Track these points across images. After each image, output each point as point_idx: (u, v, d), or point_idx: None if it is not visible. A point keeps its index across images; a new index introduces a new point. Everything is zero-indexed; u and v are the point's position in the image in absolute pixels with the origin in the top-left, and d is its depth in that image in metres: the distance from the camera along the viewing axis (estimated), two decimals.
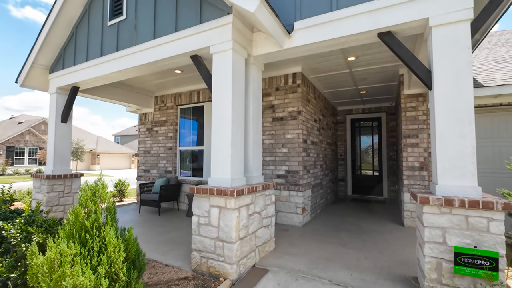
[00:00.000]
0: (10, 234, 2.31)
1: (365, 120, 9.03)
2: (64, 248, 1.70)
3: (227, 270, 2.89)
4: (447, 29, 2.51)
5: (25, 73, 5.29)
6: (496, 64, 5.55)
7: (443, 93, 2.49)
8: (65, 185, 5.34)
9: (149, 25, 3.95)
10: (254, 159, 3.68)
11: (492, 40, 8.41)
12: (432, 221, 2.39)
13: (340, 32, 3.05)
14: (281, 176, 5.31)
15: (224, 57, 3.21)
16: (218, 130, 3.19)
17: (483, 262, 2.16)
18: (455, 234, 2.31)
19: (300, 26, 3.28)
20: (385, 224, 5.30)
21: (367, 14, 2.90)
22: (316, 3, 3.24)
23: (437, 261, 2.36)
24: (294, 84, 5.30)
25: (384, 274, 3.03)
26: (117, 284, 1.85)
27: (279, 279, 2.92)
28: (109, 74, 4.48)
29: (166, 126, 7.22)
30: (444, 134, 2.47)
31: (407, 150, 5.18)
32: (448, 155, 2.44)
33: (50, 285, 1.67)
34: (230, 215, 2.89)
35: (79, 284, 1.66)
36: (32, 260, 1.78)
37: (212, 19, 3.32)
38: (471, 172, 2.36)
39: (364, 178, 9.01)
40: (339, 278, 2.93)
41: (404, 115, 5.24)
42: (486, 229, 2.22)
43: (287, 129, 5.29)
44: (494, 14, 3.14)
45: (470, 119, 2.39)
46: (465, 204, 2.25)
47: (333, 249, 3.84)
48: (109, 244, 1.88)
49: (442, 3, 2.53)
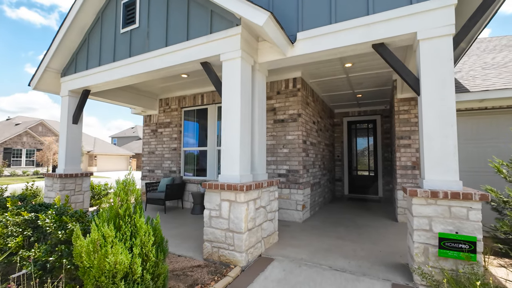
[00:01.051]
0: (45, 224, 2.58)
1: (361, 123, 9.39)
2: (107, 230, 1.98)
3: (237, 258, 3.18)
4: (432, 43, 2.85)
5: (38, 77, 5.54)
6: (483, 70, 5.95)
7: (429, 99, 2.83)
8: (76, 183, 5.59)
9: (161, 34, 4.25)
10: (259, 158, 3.99)
11: (481, 46, 8.86)
12: (420, 211, 2.72)
13: (338, 42, 3.38)
14: (282, 175, 5.62)
15: (233, 64, 3.52)
16: (228, 132, 3.49)
17: (463, 246, 2.49)
18: (439, 222, 2.64)
19: (302, 37, 3.61)
20: (380, 220, 5.63)
21: (363, 27, 3.24)
22: (316, 16, 3.57)
23: (424, 246, 2.69)
24: (294, 88, 5.63)
25: (378, 261, 3.35)
26: (148, 264, 2.14)
27: (284, 266, 3.22)
28: (122, 78, 4.76)
29: (171, 127, 7.49)
30: (430, 135, 2.81)
31: (400, 151, 5.53)
32: (434, 154, 2.78)
33: (94, 262, 1.95)
34: (240, 208, 3.19)
35: (119, 261, 1.95)
36: (76, 242, 2.06)
37: (222, 29, 3.63)
38: (453, 168, 2.70)
39: (360, 178, 9.36)
40: (338, 265, 3.24)
41: (397, 117, 5.59)
42: (466, 217, 2.55)
43: (288, 131, 5.61)
44: (475, 29, 3.51)
45: (452, 122, 2.73)
46: (448, 196, 2.59)
47: (331, 242, 4.15)
48: (140, 229, 2.17)
49: (428, 19, 2.88)
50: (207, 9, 3.79)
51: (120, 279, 1.99)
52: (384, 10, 3.14)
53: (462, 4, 3.39)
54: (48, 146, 26.87)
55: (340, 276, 2.96)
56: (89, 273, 2.00)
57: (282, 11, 3.84)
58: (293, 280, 2.87)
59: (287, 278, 2.92)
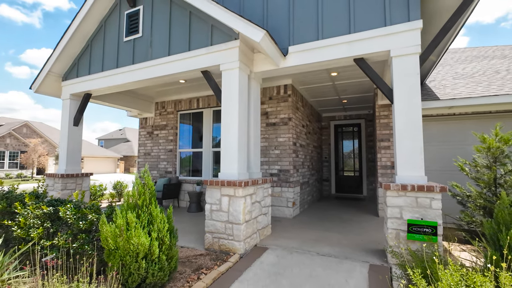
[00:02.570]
0: (66, 216, 2.89)
1: (347, 126, 9.99)
2: (131, 217, 2.34)
3: (235, 246, 3.57)
4: (402, 59, 3.37)
5: (40, 80, 5.76)
6: (453, 80, 6.62)
7: (400, 106, 3.34)
8: (77, 183, 5.81)
9: (164, 44, 4.61)
10: (254, 158, 4.41)
11: (455, 57, 9.67)
12: (393, 202, 3.21)
13: (324, 56, 3.87)
14: (274, 174, 6.05)
15: (232, 74, 3.94)
16: (227, 134, 3.89)
17: (427, 230, 2.99)
18: (408, 211, 3.13)
19: (293, 50, 4.07)
20: (363, 215, 6.16)
21: (345, 44, 3.73)
22: (305, 32, 4.05)
23: (396, 232, 3.17)
24: (285, 94, 6.09)
25: (359, 248, 3.82)
26: (163, 247, 2.51)
27: (277, 253, 3.64)
28: (125, 83, 5.07)
29: (167, 130, 7.80)
30: (401, 137, 3.31)
31: (381, 152, 6.08)
32: (404, 153, 3.28)
33: (120, 244, 2.30)
34: (238, 202, 3.59)
35: (141, 243, 2.31)
36: (103, 228, 2.40)
37: (222, 42, 4.05)
38: (420, 165, 3.21)
39: (346, 178, 9.93)
40: (324, 251, 3.69)
41: (378, 122, 6.16)
42: (429, 206, 3.06)
43: (279, 133, 6.06)
44: (439, 47, 4.09)
45: (419, 126, 3.24)
46: (415, 189, 3.09)
47: (319, 234, 4.61)
48: (156, 217, 2.54)
49: (399, 39, 3.40)
50: (208, 23, 4.19)
51: (141, 258, 2.35)
52: (363, 30, 3.64)
53: (429, 25, 3.97)
54: (33, 148, 26.26)
55: (326, 259, 3.41)
56: (114, 254, 2.35)
57: (275, 26, 4.30)
58: (285, 263, 3.29)
59: (280, 262, 3.34)
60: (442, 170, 5.66)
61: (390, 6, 3.52)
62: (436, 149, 5.72)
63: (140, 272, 2.33)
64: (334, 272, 3.07)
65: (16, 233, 3.01)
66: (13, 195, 3.62)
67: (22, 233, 2.95)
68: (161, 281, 2.51)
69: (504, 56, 8.05)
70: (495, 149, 3.90)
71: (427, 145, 5.64)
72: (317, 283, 2.81)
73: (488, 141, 3.89)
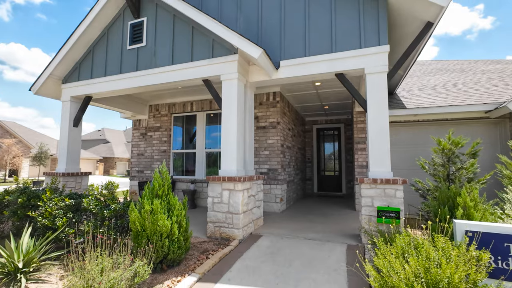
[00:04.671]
0: (90, 206, 3.31)
1: (328, 130, 10.84)
2: (157, 203, 2.84)
3: (235, 233, 4.13)
4: (373, 76, 4.12)
5: (41, 83, 5.99)
6: (419, 90, 7.60)
7: (372, 115, 4.08)
8: (76, 181, 6.08)
9: (168, 54, 5.09)
10: (249, 158, 4.99)
11: (423, 68, 10.83)
12: (366, 193, 3.92)
13: (310, 71, 4.55)
14: (264, 173, 6.66)
15: (231, 84, 4.50)
16: (227, 137, 4.44)
17: (392, 214, 3.72)
18: (378, 200, 3.85)
19: (284, 64, 4.72)
20: (343, 210, 6.92)
21: (328, 61, 4.43)
22: (295, 49, 4.71)
23: (369, 217, 3.88)
24: (274, 100, 6.74)
25: (339, 234, 4.51)
26: (182, 229, 3.02)
27: (270, 239, 4.24)
28: (128, 88, 5.47)
29: (160, 131, 8.17)
30: (373, 140, 4.04)
31: (358, 153, 6.88)
32: (375, 153, 4.01)
33: (147, 226, 2.79)
34: (237, 195, 4.15)
35: (165, 225, 2.82)
36: (131, 214, 2.87)
37: (222, 55, 4.60)
38: (387, 163, 3.95)
39: (327, 177, 10.76)
40: (310, 236, 4.33)
41: (355, 126, 6.96)
42: (394, 195, 3.80)
43: (269, 136, 6.69)
44: (404, 65, 4.91)
45: (387, 132, 3.98)
46: (383, 182, 3.82)
47: (304, 224, 5.26)
48: (175, 205, 3.05)
49: (371, 60, 4.14)
50: (209, 38, 4.73)
51: (165, 238, 2.86)
52: (343, 50, 4.36)
53: (397, 46, 4.79)
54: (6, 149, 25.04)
55: (312, 242, 4.05)
56: (142, 234, 2.83)
57: (268, 42, 4.92)
58: (278, 246, 3.90)
59: (274, 245, 3.94)
60: (408, 169, 6.54)
61: (365, 31, 4.27)
62: (404, 151, 6.61)
63: (163, 249, 2.83)
64: (319, 251, 3.72)
65: (41, 223, 3.38)
66: (30, 191, 3.93)
67: (48, 222, 3.33)
68: (178, 258, 3.02)
69: (462, 70, 9.25)
70: (448, 150, 4.76)
71: (397, 147, 6.51)
72: (306, 258, 3.44)
73: (443, 144, 4.74)
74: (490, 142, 5.98)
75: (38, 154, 22.05)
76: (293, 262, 3.34)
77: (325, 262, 3.34)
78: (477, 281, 1.91)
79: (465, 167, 4.63)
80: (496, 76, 7.78)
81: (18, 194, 3.80)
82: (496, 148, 5.90)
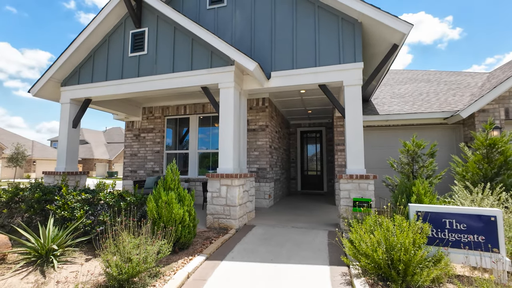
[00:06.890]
0: (106, 199, 3.75)
1: (311, 132, 11.65)
2: (172, 195, 3.36)
3: (232, 223, 4.69)
4: (350, 88, 4.86)
5: (41, 85, 6.23)
6: (390, 98, 8.56)
7: (349, 120, 4.82)
8: (75, 180, 6.35)
9: (169, 62, 5.57)
10: (243, 157, 5.57)
11: (395, 77, 11.94)
12: (344, 187, 4.64)
13: (297, 81, 5.23)
14: (254, 171, 7.26)
15: (228, 92, 5.08)
16: (224, 139, 5.00)
17: (365, 204, 4.45)
18: (354, 192, 4.58)
19: (274, 75, 5.37)
20: (324, 205, 7.67)
21: (313, 74, 5.13)
22: (284, 62, 5.37)
23: (346, 207, 4.60)
24: (263, 105, 7.38)
25: (321, 224, 5.21)
26: (191, 217, 3.56)
27: (263, 228, 4.85)
28: (129, 93, 5.87)
29: (154, 133, 8.54)
30: (350, 142, 4.78)
31: (337, 154, 7.67)
32: (351, 153, 4.75)
33: (164, 214, 3.30)
34: (234, 189, 4.73)
35: (179, 213, 3.34)
36: (149, 204, 3.37)
37: (220, 66, 5.17)
38: (362, 162, 4.70)
39: (310, 177, 11.56)
40: (298, 225, 5.00)
41: (336, 130, 7.75)
42: (366, 188, 4.54)
43: (258, 138, 7.31)
44: (377, 77, 5.72)
45: (361, 135, 4.74)
46: (358, 177, 4.55)
47: (291, 217, 5.93)
48: (185, 196, 3.58)
49: (348, 74, 4.89)
50: (208, 49, 5.28)
51: (178, 223, 3.38)
52: (325, 65, 5.08)
53: (371, 61, 5.59)
54: None
55: (299, 230, 4.71)
56: (159, 222, 3.34)
57: (260, 54, 5.55)
58: (271, 233, 4.51)
59: (266, 233, 4.55)
60: (381, 168, 7.42)
61: (344, 49, 5.01)
62: (378, 152, 7.48)
63: (177, 233, 3.35)
64: (305, 236, 4.38)
65: (59, 215, 3.77)
66: (45, 187, 4.27)
67: (67, 214, 3.72)
68: (188, 242, 3.55)
69: (428, 80, 10.40)
70: (412, 151, 5.62)
71: (371, 149, 7.36)
72: (294, 242, 4.09)
73: (408, 146, 5.59)
74: (448, 144, 6.99)
75: (14, 155, 21.23)
76: (285, 244, 3.97)
77: (310, 244, 4.00)
78: (421, 244, 2.63)
79: (426, 165, 5.50)
80: (455, 87, 8.92)
81: (34, 190, 4.13)
82: (453, 149, 6.91)
